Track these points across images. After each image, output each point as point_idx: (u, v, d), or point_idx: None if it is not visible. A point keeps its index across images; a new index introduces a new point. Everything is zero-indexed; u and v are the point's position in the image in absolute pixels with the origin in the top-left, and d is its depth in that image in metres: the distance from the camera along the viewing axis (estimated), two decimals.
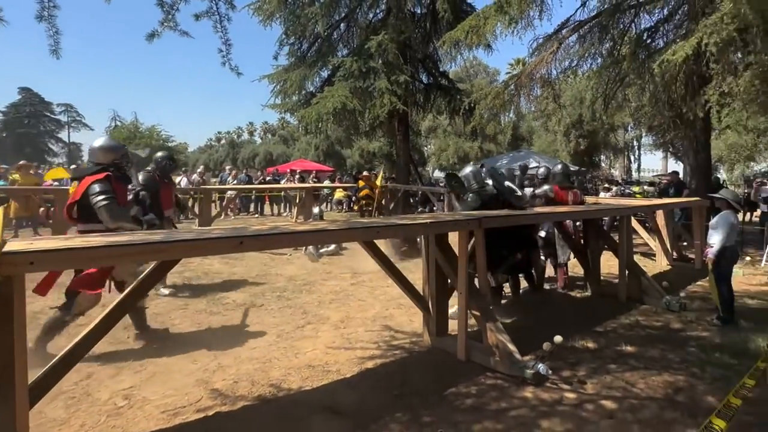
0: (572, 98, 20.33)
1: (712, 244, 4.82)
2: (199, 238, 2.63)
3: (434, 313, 4.02)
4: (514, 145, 30.16)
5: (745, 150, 22.72)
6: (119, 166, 3.86)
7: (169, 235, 2.81)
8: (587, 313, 5.13)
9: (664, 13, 9.66)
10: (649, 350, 4.02)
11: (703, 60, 7.39)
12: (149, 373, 3.40)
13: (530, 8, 8.86)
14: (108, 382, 3.27)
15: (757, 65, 6.72)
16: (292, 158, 37.28)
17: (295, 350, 3.89)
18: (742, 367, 3.58)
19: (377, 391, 3.19)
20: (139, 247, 2.37)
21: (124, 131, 38.12)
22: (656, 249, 8.04)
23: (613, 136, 25.36)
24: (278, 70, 12.74)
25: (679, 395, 3.22)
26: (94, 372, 3.38)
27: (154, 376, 3.35)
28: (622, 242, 5.73)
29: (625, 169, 29.66)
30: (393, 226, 3.44)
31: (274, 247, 3.53)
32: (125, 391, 3.14)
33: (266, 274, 6.71)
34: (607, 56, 10.03)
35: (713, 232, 4.85)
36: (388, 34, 10.76)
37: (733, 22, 6.31)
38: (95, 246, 2.22)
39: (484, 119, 10.92)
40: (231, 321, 4.66)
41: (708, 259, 4.86)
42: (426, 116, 17.26)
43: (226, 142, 58.99)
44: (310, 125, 11.13)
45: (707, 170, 10.06)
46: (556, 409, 3.01)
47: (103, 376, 3.35)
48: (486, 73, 36.82)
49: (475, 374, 3.48)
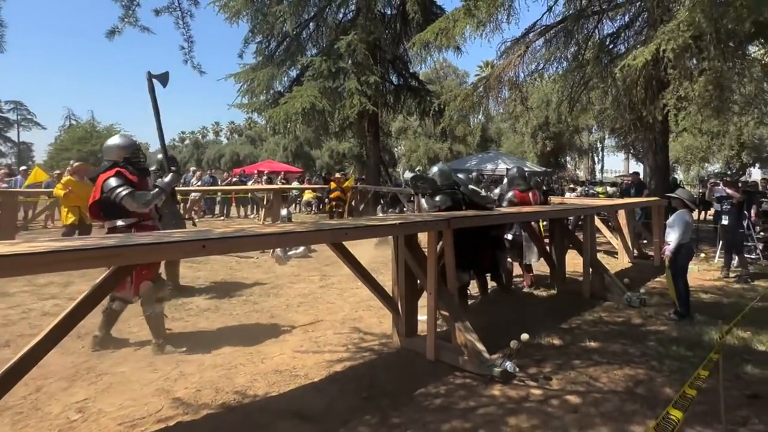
0: (539, 101, 20.84)
1: (669, 242, 5.02)
2: (159, 241, 2.54)
3: (404, 314, 4.01)
4: (483, 147, 30.67)
5: (700, 151, 23.89)
6: (132, 161, 3.93)
7: (126, 239, 2.70)
8: (553, 310, 5.24)
9: (625, 19, 10.03)
10: (612, 345, 4.14)
11: (661, 65, 7.69)
12: (105, 384, 3.24)
13: (498, 12, 8.98)
14: (60, 395, 3.10)
15: (710, 71, 7.03)
16: (260, 159, 36.76)
17: (262, 355, 3.80)
18: (696, 359, 3.73)
19: (346, 394, 3.16)
20: (93, 251, 2.25)
21: (79, 131, 36.52)
22: (618, 247, 8.31)
23: (577, 137, 26.15)
24: (245, 68, 12.52)
25: (639, 388, 3.32)
26: (43, 385, 3.20)
27: (111, 387, 3.20)
28: (586, 241, 5.89)
29: (589, 170, 30.60)
30: (361, 228, 3.41)
31: (239, 250, 3.44)
32: (79, 404, 2.98)
33: (232, 278, 6.55)
34: (572, 60, 10.32)
35: (670, 231, 5.05)
36: (357, 35, 10.75)
37: (688, 30, 6.59)
38: (42, 252, 2.10)
39: (453, 120, 11.03)
40: (194, 327, 4.51)
41: (665, 256, 5.05)
42: (396, 117, 17.35)
43: (191, 143, 57.48)
44: (278, 125, 11.01)
45: (665, 171, 10.49)
46: (523, 405, 3.05)
47: (55, 388, 3.17)
48: (456, 74, 37.31)
49: (444, 374, 3.49)
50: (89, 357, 3.70)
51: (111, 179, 3.70)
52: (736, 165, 23.79)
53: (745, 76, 7.79)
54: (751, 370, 3.63)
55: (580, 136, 26.37)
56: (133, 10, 4.36)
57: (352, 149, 28.81)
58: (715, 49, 6.87)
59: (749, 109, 8.92)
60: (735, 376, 3.48)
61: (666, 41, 6.78)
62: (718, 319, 4.75)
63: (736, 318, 4.05)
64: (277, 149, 37.15)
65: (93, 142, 33.62)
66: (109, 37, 4.10)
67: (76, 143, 33.92)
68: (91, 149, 32.68)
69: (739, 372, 3.58)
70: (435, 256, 3.78)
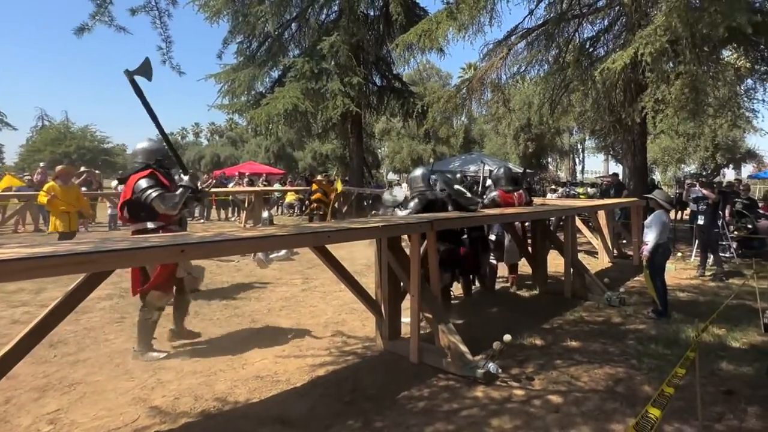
0: (521, 103, 21.07)
1: (646, 242, 5.11)
2: (135, 246, 2.47)
3: (387, 317, 4.00)
4: (466, 148, 30.87)
5: (677, 153, 24.48)
6: (162, 164, 3.97)
7: (100, 244, 2.62)
8: (535, 310, 5.29)
9: (604, 23, 10.21)
10: (592, 344, 4.19)
11: (639, 69, 7.86)
12: (78, 394, 3.14)
13: (480, 14, 9.05)
14: (30, 406, 2.99)
15: (686, 75, 7.20)
16: (241, 160, 36.39)
17: (243, 361, 3.74)
18: (674, 356, 3.82)
19: (328, 399, 3.13)
20: (66, 258, 2.18)
21: (52, 132, 35.54)
22: (598, 247, 8.44)
23: (559, 139, 26.52)
24: (226, 69, 12.36)
25: (618, 386, 3.37)
26: (13, 396, 3.09)
27: (84, 397, 3.10)
28: (567, 241, 5.97)
29: (570, 170, 31.07)
30: (344, 231, 3.38)
31: (219, 254, 3.37)
32: (50, 415, 2.88)
33: (212, 282, 6.42)
34: (553, 63, 10.46)
35: (647, 231, 5.15)
36: (340, 36, 10.70)
37: (665, 34, 6.73)
38: (11, 259, 2.02)
39: (437, 122, 11.08)
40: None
41: (643, 256, 5.15)
42: (379, 118, 17.34)
43: None
44: (259, 127, 10.89)
45: (644, 172, 10.71)
46: (506, 406, 3.07)
47: (25, 399, 3.06)
48: (439, 76, 37.54)
49: (427, 376, 3.48)
50: (61, 366, 3.58)
51: (143, 180, 3.69)
52: (711, 166, 24.45)
53: (719, 80, 7.99)
54: (726, 367, 3.72)
55: (561, 138, 26.76)
56: (105, 8, 4.23)
57: (335, 151, 28.70)
58: (691, 54, 7.04)
59: (723, 112, 9.16)
60: (711, 373, 3.56)
61: (644, 45, 6.92)
62: (695, 317, 4.84)
63: (712, 316, 4.14)
64: (259, 151, 36.78)
65: (67, 143, 32.76)
66: (78, 34, 3.97)
67: (49, 144, 33.03)
68: (65, 150, 31.86)
69: (714, 369, 3.67)
70: (418, 258, 3.78)
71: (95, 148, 37.65)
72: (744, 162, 26.20)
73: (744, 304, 5.51)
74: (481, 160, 11.68)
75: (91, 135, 36.05)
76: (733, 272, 7.49)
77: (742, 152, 25.02)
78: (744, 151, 25.04)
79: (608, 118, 10.58)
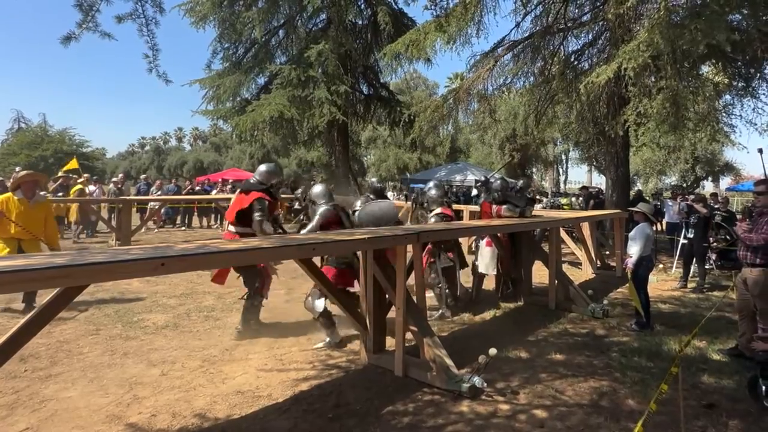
0: (507, 113, 21.30)
1: (630, 255, 5.16)
2: (113, 260, 2.38)
3: (372, 330, 3.95)
4: (452, 157, 31.07)
5: (658, 165, 24.99)
6: (274, 185, 4.89)
7: (77, 257, 2.53)
8: (520, 322, 5.30)
9: (589, 37, 10.40)
10: (577, 357, 4.20)
11: (622, 83, 8.01)
12: (50, 411, 3.01)
13: (468, 26, 9.15)
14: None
15: (667, 89, 7.36)
16: (225, 167, 36.00)
17: (223, 375, 3.64)
18: (657, 369, 3.85)
19: (311, 415, 3.06)
20: (40, 272, 2.09)
21: (29, 135, 34.59)
22: (582, 258, 8.52)
23: (543, 150, 26.84)
24: (211, 74, 12.26)
25: (603, 400, 3.37)
26: None
27: (56, 414, 2.97)
28: (552, 253, 6.00)
29: (554, 181, 31.48)
30: (330, 243, 3.34)
31: (201, 268, 3.30)
32: None
33: (193, 293, 6.28)
34: (538, 75, 10.61)
35: (632, 243, 5.20)
36: (328, 45, 10.70)
37: (647, 50, 6.88)
38: None
39: (423, 131, 11.11)
40: (150, 346, 4.26)
41: (627, 269, 5.19)
42: (366, 127, 17.34)
43: (151, 149, 55.74)
44: (244, 133, 10.80)
45: (626, 183, 10.89)
46: (491, 421, 3.04)
47: None
48: (426, 86, 37.80)
49: (412, 390, 3.44)
50: (32, 381, 3.44)
51: (258, 201, 4.56)
52: (690, 178, 25.01)
53: (699, 95, 8.19)
54: (707, 380, 3.76)
55: (545, 149, 27.11)
56: (92, 16, 4.16)
57: (321, 158, 28.59)
58: (672, 69, 7.19)
59: (702, 126, 9.37)
60: (692, 386, 3.59)
61: (627, 60, 7.06)
62: (677, 329, 4.92)
63: (694, 330, 4.20)
64: (243, 157, 36.48)
65: (44, 147, 31.88)
66: (65, 43, 3.90)
67: (25, 148, 32.12)
68: (42, 154, 31.02)
69: (696, 382, 3.70)
70: (404, 270, 3.75)
71: (73, 152, 36.85)
72: (722, 174, 26.88)
73: (724, 316, 5.60)
74: (468, 170, 11.77)
75: (70, 139, 35.19)
76: (713, 284, 7.63)
77: (721, 165, 25.66)
78: (722, 164, 25.69)
79: (592, 130, 10.76)
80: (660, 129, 8.84)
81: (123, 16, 4.25)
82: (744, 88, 8.91)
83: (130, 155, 58.14)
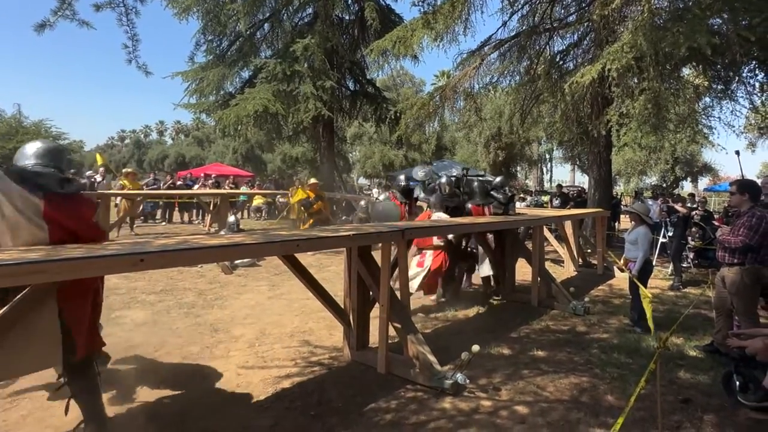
0: (492, 112, 21.42)
1: (632, 259, 5.16)
2: (89, 255, 2.31)
3: (355, 327, 3.93)
4: (437, 155, 31.12)
5: (639, 165, 25.47)
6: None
7: (52, 252, 2.45)
8: (503, 319, 5.34)
9: (574, 38, 10.53)
10: (558, 354, 4.25)
11: (606, 83, 8.12)
12: (22, 411, 2.93)
13: (455, 24, 9.17)
14: None
15: (650, 90, 7.49)
16: (207, 161, 35.48)
17: (203, 374, 3.59)
18: (636, 365, 3.93)
19: (293, 413, 3.03)
20: (11, 268, 2.02)
21: (3, 126, 33.45)
22: (564, 256, 8.63)
23: (528, 148, 27.09)
24: (194, 67, 12.04)
25: (583, 396, 3.42)
26: None
27: (30, 415, 2.89)
28: (535, 251, 6.05)
29: (538, 180, 31.80)
30: (314, 239, 3.30)
31: (181, 264, 3.22)
32: None
33: (173, 289, 6.15)
34: (524, 74, 10.71)
35: (632, 247, 5.18)
36: (315, 40, 10.60)
37: (631, 51, 6.99)
38: None
39: (409, 128, 11.12)
40: (127, 344, 4.14)
41: (632, 275, 5.16)
42: (352, 123, 17.27)
43: (131, 142, 54.58)
44: (228, 128, 10.65)
45: (609, 182, 11.07)
46: (473, 418, 3.05)
47: None
48: (412, 83, 37.77)
49: (395, 387, 3.44)
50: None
51: None
52: (670, 178, 25.55)
53: (679, 97, 8.37)
54: (684, 375, 3.84)
55: (530, 147, 27.36)
56: (69, 3, 4.04)
57: (306, 154, 28.37)
58: (654, 71, 7.32)
59: (683, 127, 9.59)
60: (669, 382, 3.66)
61: (611, 61, 7.16)
62: (655, 326, 5.01)
63: (672, 328, 4.28)
64: (226, 152, 35.93)
65: (18, 139, 30.88)
66: (39, 30, 3.77)
67: None
68: (16, 146, 30.03)
69: (673, 377, 3.77)
70: (388, 267, 3.74)
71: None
72: (701, 175, 27.55)
73: (700, 313, 5.73)
74: (454, 168, 11.78)
75: (46, 130, 34.16)
76: (690, 281, 7.80)
77: (700, 166, 26.29)
78: (701, 164, 26.32)
79: (576, 129, 10.90)
80: (642, 129, 9.00)
81: (101, 4, 4.14)
82: (723, 91, 9.13)
83: (109, 148, 56.90)
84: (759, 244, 3.97)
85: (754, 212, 4.04)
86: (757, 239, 3.95)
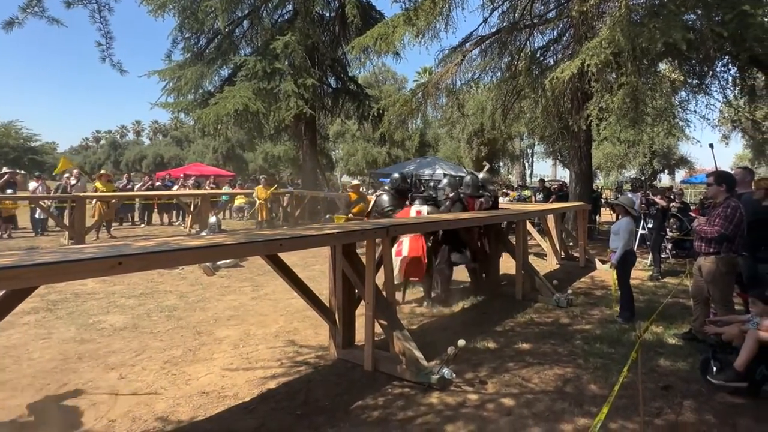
0: (474, 108, 21.57)
1: (613, 249, 5.26)
2: (64, 260, 2.23)
3: (341, 325, 3.91)
4: (421, 152, 31.21)
5: (618, 158, 25.95)
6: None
7: (25, 257, 2.37)
8: (488, 313, 5.38)
9: (554, 34, 10.66)
10: (542, 346, 4.30)
11: (585, 79, 8.24)
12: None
13: (436, 21, 9.20)
14: None
15: (628, 85, 7.62)
16: (187, 161, 34.93)
17: (186, 377, 3.52)
18: (618, 355, 4.00)
19: (279, 413, 3.00)
20: None
21: None
22: (547, 249, 8.74)
23: (510, 144, 27.36)
24: (171, 65, 11.81)
25: (567, 386, 3.47)
26: None
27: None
28: (518, 245, 6.11)
29: (520, 175, 32.15)
30: (297, 238, 3.27)
31: (162, 266, 3.14)
32: None
33: (153, 292, 6.02)
34: (505, 70, 10.79)
35: (615, 238, 5.29)
36: (295, 36, 10.50)
37: (609, 47, 7.10)
38: None
39: (392, 125, 11.12)
40: (107, 349, 4.06)
41: (611, 265, 5.25)
42: (334, 120, 17.19)
43: (107, 143, 53.32)
44: (207, 127, 10.48)
45: (589, 176, 11.25)
46: (460, 412, 3.07)
47: None
48: (394, 80, 37.73)
49: (382, 384, 3.43)
50: None
51: None
52: (648, 171, 26.10)
53: (656, 91, 8.53)
54: (664, 363, 3.93)
55: (512, 143, 27.64)
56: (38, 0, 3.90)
57: (288, 152, 28.14)
58: (632, 66, 7.45)
59: (660, 121, 9.77)
60: (650, 370, 3.74)
61: (590, 56, 7.26)
62: (636, 316, 5.12)
63: (652, 317, 4.37)
64: (207, 151, 35.39)
65: None
66: (7, 28, 3.63)
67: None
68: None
69: (653, 365, 3.86)
70: (373, 265, 3.72)
71: (20, 147, 34.82)
72: (678, 168, 28.23)
73: (679, 302, 5.86)
74: (437, 165, 11.84)
75: (16, 132, 33.20)
76: (669, 271, 7.97)
77: (676, 159, 26.93)
78: (678, 158, 26.96)
79: (557, 124, 11.04)
80: (621, 123, 9.16)
81: (73, 1, 4.01)
82: (698, 85, 9.35)
83: (84, 149, 55.50)
84: (734, 233, 4.08)
85: (729, 203, 4.14)
86: (732, 229, 4.05)
